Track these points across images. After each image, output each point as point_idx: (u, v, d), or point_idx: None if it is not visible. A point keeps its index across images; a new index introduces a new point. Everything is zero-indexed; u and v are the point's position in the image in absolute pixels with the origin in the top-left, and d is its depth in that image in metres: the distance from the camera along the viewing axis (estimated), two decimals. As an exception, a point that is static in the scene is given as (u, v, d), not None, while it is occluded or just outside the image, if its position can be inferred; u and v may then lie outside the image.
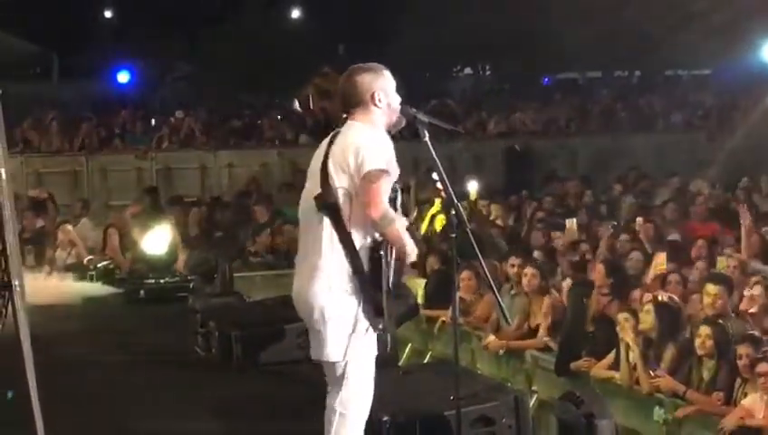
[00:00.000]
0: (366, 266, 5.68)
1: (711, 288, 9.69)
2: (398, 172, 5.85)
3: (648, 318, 9.40)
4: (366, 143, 5.70)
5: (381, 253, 5.66)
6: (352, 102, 5.92)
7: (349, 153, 5.71)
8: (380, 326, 5.77)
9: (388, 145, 5.81)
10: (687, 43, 23.67)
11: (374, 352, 5.93)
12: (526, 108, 25.38)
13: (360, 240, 5.71)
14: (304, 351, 6.14)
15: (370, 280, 5.67)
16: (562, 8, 23.35)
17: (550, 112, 25.48)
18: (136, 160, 22.20)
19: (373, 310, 5.71)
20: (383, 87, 5.88)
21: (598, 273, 11.19)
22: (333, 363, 5.84)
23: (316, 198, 5.80)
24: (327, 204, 5.75)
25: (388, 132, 5.96)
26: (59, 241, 16.10)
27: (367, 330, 5.76)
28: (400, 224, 5.72)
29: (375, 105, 5.87)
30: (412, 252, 5.88)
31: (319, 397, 6.11)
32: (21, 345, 5.69)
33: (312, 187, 5.88)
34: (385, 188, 5.64)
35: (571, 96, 27.61)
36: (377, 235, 5.71)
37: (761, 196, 17.82)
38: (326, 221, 5.74)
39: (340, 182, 5.73)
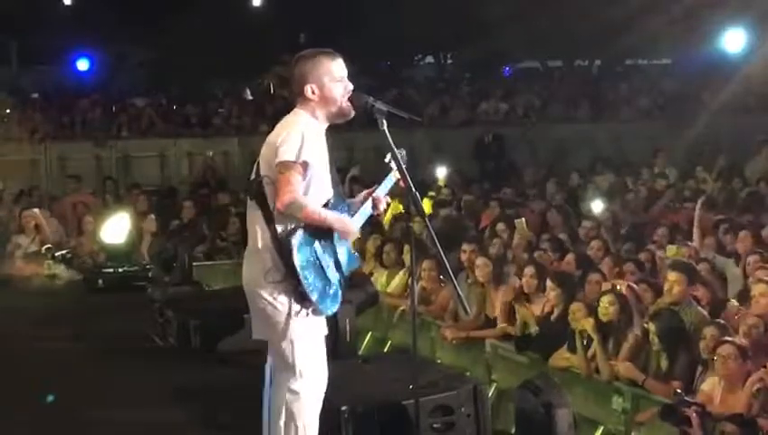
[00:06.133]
0: (285, 251, 5.68)
1: (672, 275, 9.72)
2: (326, 164, 5.88)
3: (607, 308, 9.41)
4: (285, 133, 5.75)
5: (294, 238, 5.65)
6: (294, 92, 5.98)
7: (270, 143, 5.79)
8: (310, 310, 5.80)
9: (313, 137, 5.80)
10: (648, 32, 23.71)
11: (322, 331, 5.99)
12: (488, 97, 25.40)
13: (282, 227, 5.74)
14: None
15: (289, 265, 5.67)
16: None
17: (511, 101, 25.49)
18: (95, 148, 22.06)
19: (297, 294, 5.74)
20: (318, 78, 5.88)
21: (567, 264, 11.24)
22: (279, 344, 5.87)
23: (247, 186, 5.93)
24: (254, 192, 5.84)
25: (337, 122, 5.98)
26: (24, 227, 15.87)
27: (299, 312, 5.79)
28: (315, 206, 5.72)
29: (307, 97, 5.88)
30: (346, 229, 5.91)
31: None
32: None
33: (252, 174, 5.96)
34: (293, 178, 5.63)
35: (531, 85, 27.64)
36: (294, 223, 5.72)
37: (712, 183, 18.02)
38: (257, 208, 5.82)
39: (264, 170, 5.80)
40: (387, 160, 6.08)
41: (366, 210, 6.14)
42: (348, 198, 6.23)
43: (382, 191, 6.20)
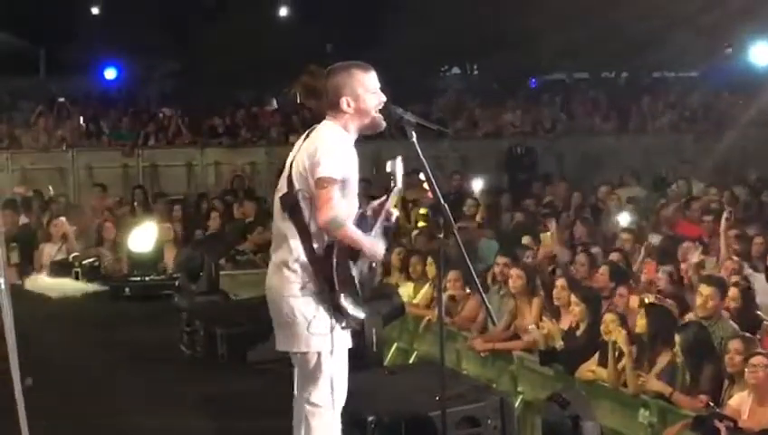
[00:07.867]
0: (324, 266, 5.72)
1: (704, 289, 9.68)
2: (357, 179, 5.88)
3: (642, 321, 9.37)
4: (324, 148, 5.73)
5: (334, 255, 5.69)
6: (328, 103, 5.95)
7: (306, 156, 5.77)
8: (343, 324, 5.83)
9: (350, 152, 5.82)
10: (675, 45, 23.69)
11: (347, 345, 5.99)
12: (514, 108, 25.37)
13: (319, 240, 5.75)
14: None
15: (326, 279, 5.71)
16: (550, 9, 23.36)
17: (537, 113, 25.45)
18: (123, 157, 22.18)
19: (332, 308, 5.77)
20: (353, 90, 5.87)
21: (601, 275, 11.20)
22: (304, 355, 5.89)
23: (281, 198, 5.88)
24: (289, 205, 5.82)
25: (366, 134, 5.97)
26: (52, 235, 15.93)
27: (333, 326, 5.81)
28: (352, 228, 5.75)
29: (342, 110, 5.87)
30: (375, 252, 5.93)
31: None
32: (6, 344, 5.68)
33: (281, 183, 5.94)
34: (334, 195, 5.64)
35: (558, 97, 27.58)
36: (330, 238, 5.74)
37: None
38: (291, 222, 5.81)
39: (300, 184, 5.79)
40: (388, 170, 6.09)
41: (381, 225, 6.12)
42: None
43: (390, 204, 6.13)
